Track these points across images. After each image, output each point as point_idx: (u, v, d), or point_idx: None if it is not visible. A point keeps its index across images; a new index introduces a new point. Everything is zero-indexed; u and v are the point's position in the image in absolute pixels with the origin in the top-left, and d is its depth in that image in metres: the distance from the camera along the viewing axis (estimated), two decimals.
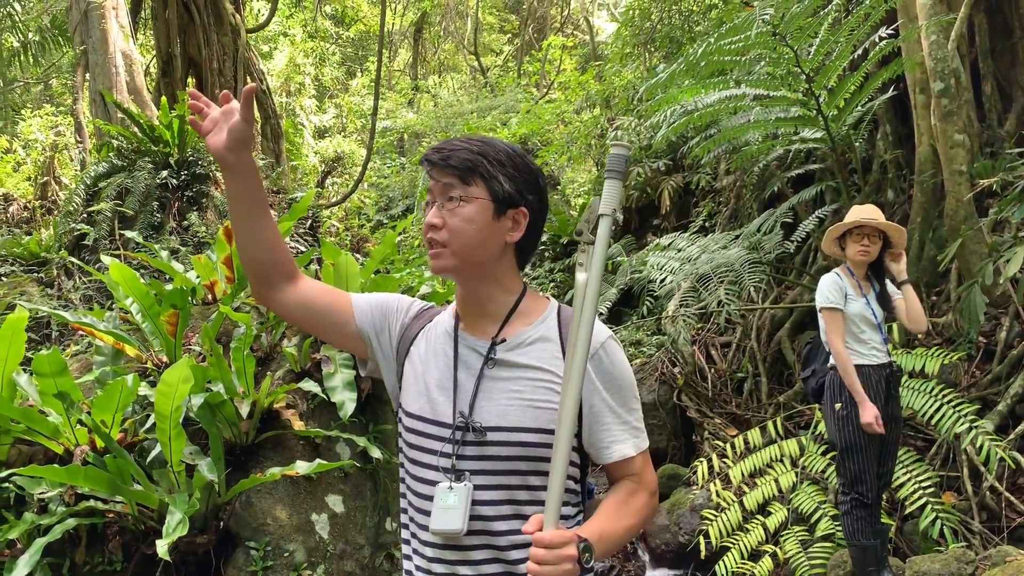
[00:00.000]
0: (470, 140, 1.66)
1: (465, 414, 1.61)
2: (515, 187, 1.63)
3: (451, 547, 1.60)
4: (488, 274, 1.66)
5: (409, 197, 16.55)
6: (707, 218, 9.52)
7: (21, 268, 10.78)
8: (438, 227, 1.61)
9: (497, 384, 1.62)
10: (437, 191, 1.64)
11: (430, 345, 1.73)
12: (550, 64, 21.34)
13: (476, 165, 1.61)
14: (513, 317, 1.68)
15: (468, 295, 1.70)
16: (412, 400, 1.70)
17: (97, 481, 3.18)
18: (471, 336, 1.68)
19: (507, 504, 1.59)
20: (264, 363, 4.02)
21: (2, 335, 3.41)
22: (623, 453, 1.65)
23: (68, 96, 18.89)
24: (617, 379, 1.66)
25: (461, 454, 1.60)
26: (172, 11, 12.00)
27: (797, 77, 6.11)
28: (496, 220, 1.62)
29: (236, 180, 1.67)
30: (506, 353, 1.64)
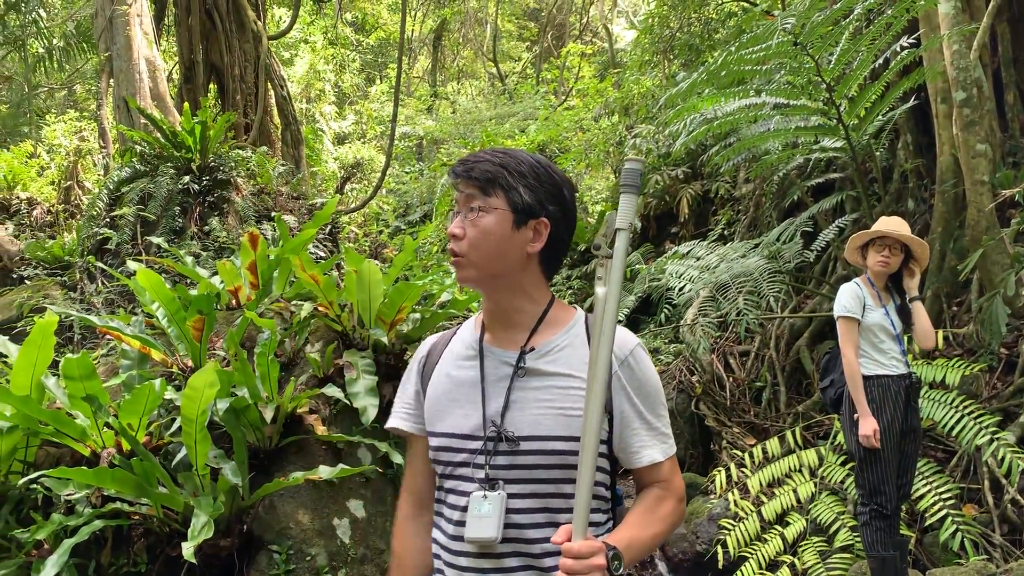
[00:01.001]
0: (494, 152, 1.68)
1: (496, 423, 1.62)
2: (536, 198, 1.65)
3: (486, 555, 1.62)
4: (513, 285, 1.68)
5: (427, 203, 16.61)
6: (726, 226, 9.51)
7: (45, 272, 10.91)
8: (459, 237, 1.64)
9: (527, 393, 1.64)
10: (461, 202, 1.67)
11: (452, 363, 1.75)
12: (569, 71, 21.37)
13: (496, 176, 1.64)
14: (541, 326, 1.69)
15: (494, 306, 1.72)
16: (440, 421, 1.71)
17: (123, 483, 3.23)
18: (497, 348, 1.70)
19: (541, 512, 1.61)
20: (288, 368, 4.06)
21: (32, 339, 3.47)
22: (652, 458, 1.67)
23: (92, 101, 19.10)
24: (645, 385, 1.68)
25: (494, 463, 1.61)
26: (195, 18, 12.13)
27: (818, 86, 6.10)
28: (516, 230, 1.64)
29: None
30: (535, 361, 1.65)
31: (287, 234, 4.49)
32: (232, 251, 8.98)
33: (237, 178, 9.82)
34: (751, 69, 6.35)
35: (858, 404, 4.02)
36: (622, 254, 1.55)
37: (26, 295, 10.01)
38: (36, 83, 21.14)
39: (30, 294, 9.97)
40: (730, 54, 6.11)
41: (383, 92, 22.87)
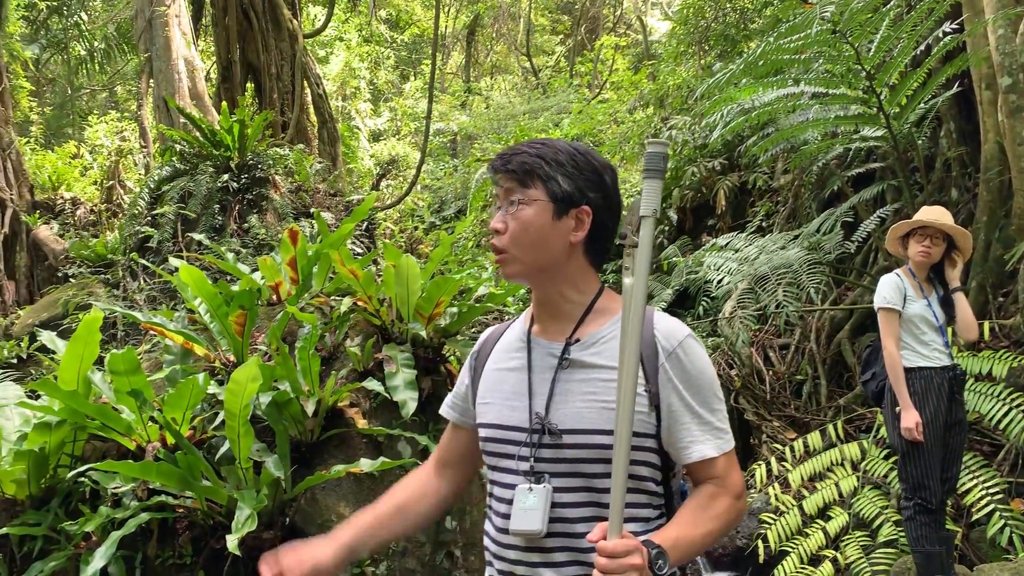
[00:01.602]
0: (532, 143, 1.67)
1: (541, 415, 1.61)
2: (575, 186, 1.62)
3: (534, 549, 1.60)
4: (559, 275, 1.66)
5: (462, 199, 16.64)
6: (764, 218, 9.41)
7: (89, 270, 11.12)
8: (500, 232, 1.63)
9: (572, 386, 1.62)
10: (501, 196, 1.66)
11: (502, 357, 1.75)
12: (602, 64, 21.27)
13: (534, 167, 1.62)
14: (588, 317, 1.67)
15: (542, 297, 1.70)
16: (489, 412, 1.72)
17: (168, 477, 3.28)
18: (544, 339, 1.69)
19: (589, 506, 1.59)
20: (328, 362, 4.10)
21: (78, 335, 3.55)
22: (703, 454, 1.62)
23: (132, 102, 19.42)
24: (696, 378, 1.63)
25: (539, 456, 1.60)
26: (232, 17, 12.27)
27: (858, 74, 6.00)
28: (557, 221, 1.61)
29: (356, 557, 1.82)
30: (580, 353, 1.63)
31: (326, 230, 4.52)
32: (271, 247, 9.09)
33: (275, 176, 9.92)
34: (789, 59, 6.27)
35: (900, 397, 3.96)
36: (648, 242, 1.50)
37: (71, 293, 10.22)
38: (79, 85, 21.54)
39: (75, 292, 10.17)
40: (768, 44, 6.04)
41: (417, 89, 22.96)
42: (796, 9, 9.71)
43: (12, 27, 14.89)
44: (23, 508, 3.65)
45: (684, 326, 1.67)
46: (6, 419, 3.94)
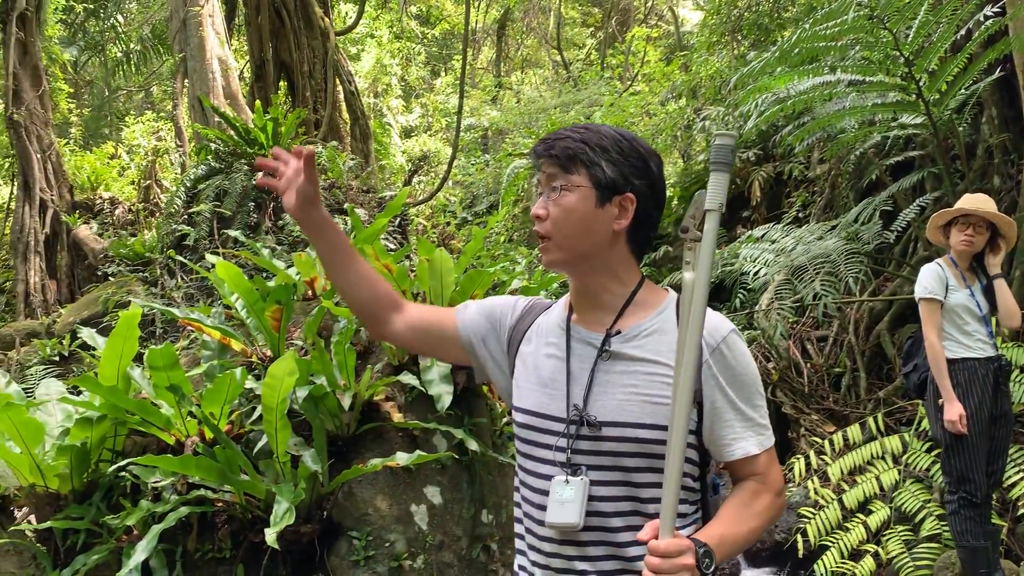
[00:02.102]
0: (575, 128, 1.63)
1: (579, 407, 1.58)
2: (619, 172, 1.59)
3: (569, 542, 1.59)
4: (600, 264, 1.63)
5: (493, 194, 16.65)
6: (800, 208, 9.29)
7: (127, 268, 11.31)
8: (542, 218, 1.60)
9: (612, 378, 1.59)
10: (543, 182, 1.63)
11: (541, 339, 1.72)
12: (634, 56, 21.13)
13: (577, 152, 1.58)
14: (629, 309, 1.64)
15: (581, 286, 1.67)
16: (525, 396, 1.69)
17: (207, 471, 3.31)
18: (584, 329, 1.66)
19: (626, 500, 1.57)
20: (363, 356, 4.11)
21: (118, 331, 3.59)
22: (746, 451, 1.60)
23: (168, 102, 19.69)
24: (740, 374, 1.60)
25: (576, 448, 1.58)
26: (264, 16, 12.36)
27: (896, 61, 5.89)
28: (600, 208, 1.58)
29: (313, 234, 1.78)
30: (621, 345, 1.60)
31: (360, 225, 4.53)
32: (305, 244, 9.16)
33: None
34: (825, 46, 6.17)
35: (943, 389, 3.89)
36: (712, 237, 1.46)
37: (110, 291, 10.39)
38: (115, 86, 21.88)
39: (114, 290, 10.34)
40: (803, 31, 5.95)
41: (448, 84, 23.01)
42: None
43: (51, 30, 15.16)
44: (66, 502, 3.71)
45: (728, 321, 1.64)
46: (48, 415, 4.00)
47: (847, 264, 6.22)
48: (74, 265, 14.31)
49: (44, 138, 14.24)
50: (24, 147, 13.90)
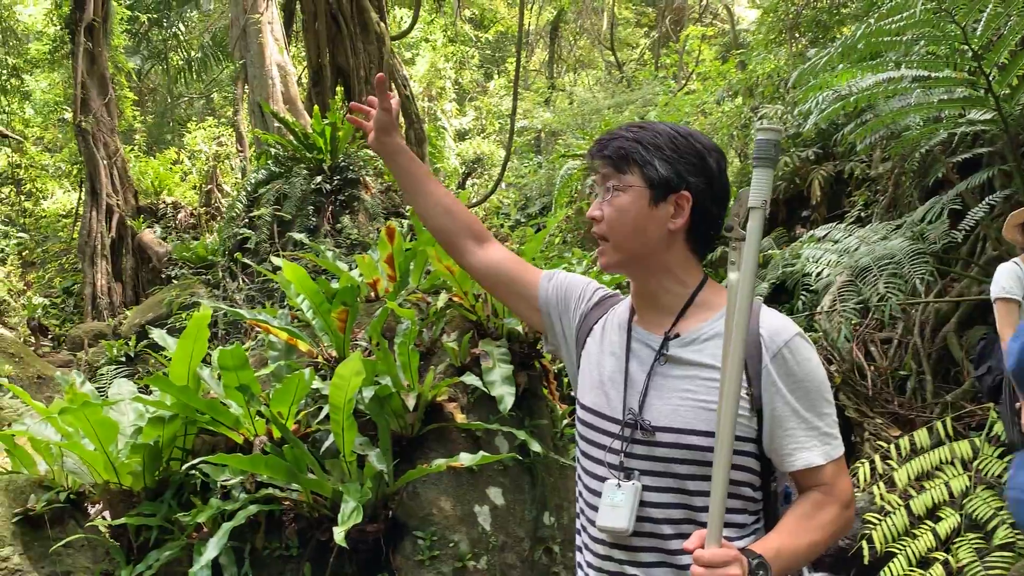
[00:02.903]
0: (630, 127, 1.62)
1: (635, 411, 1.57)
2: (674, 170, 1.56)
3: (620, 546, 1.57)
4: (657, 265, 1.61)
5: (546, 195, 16.64)
6: (863, 208, 9.10)
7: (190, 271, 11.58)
8: (598, 220, 1.59)
9: (669, 382, 1.57)
10: (598, 182, 1.63)
11: (606, 336, 1.71)
12: (688, 55, 20.94)
13: (630, 152, 1.57)
14: (689, 310, 1.61)
15: (640, 287, 1.66)
16: (587, 392, 1.69)
17: (276, 470, 3.37)
18: (644, 330, 1.64)
19: (679, 508, 1.54)
20: (426, 358, 4.15)
21: (188, 332, 3.67)
22: (808, 461, 1.53)
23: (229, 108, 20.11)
24: (803, 380, 1.53)
25: (630, 452, 1.57)
26: (321, 23, 12.53)
27: (964, 55, 5.73)
28: (654, 207, 1.56)
29: (389, 162, 1.90)
30: (679, 349, 1.58)
31: (421, 227, 4.57)
32: (363, 247, 9.26)
33: (366, 177, 10.11)
34: (888, 41, 6.03)
35: (1021, 392, 3.76)
36: (756, 236, 1.41)
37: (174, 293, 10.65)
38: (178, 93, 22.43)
39: (178, 292, 10.60)
40: (868, 26, 5.82)
41: (502, 87, 23.08)
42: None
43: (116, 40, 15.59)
44: (139, 499, 3.80)
45: (792, 324, 1.58)
46: (121, 413, 4.11)
47: (913, 264, 6.07)
48: (138, 268, 14.71)
49: (110, 145, 14.66)
50: (91, 154, 14.33)
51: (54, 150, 18.51)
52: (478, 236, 1.87)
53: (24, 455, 4.05)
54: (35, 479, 4.06)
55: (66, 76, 16.14)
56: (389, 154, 1.88)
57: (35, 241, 17.36)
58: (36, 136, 18.55)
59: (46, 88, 18.49)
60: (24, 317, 14.09)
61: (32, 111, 18.43)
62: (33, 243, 17.25)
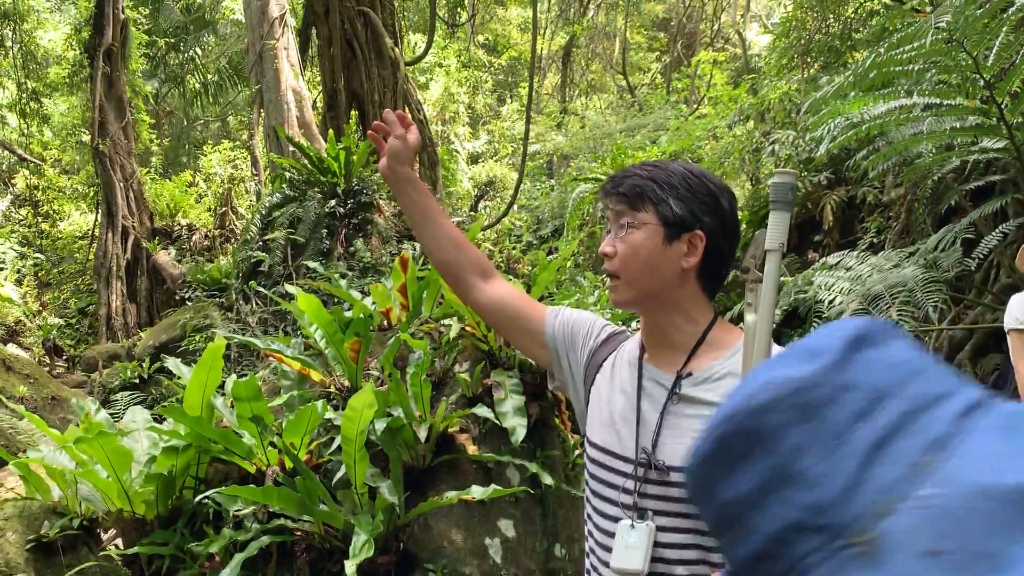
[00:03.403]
0: (644, 165, 1.63)
1: (648, 450, 1.56)
2: (688, 209, 1.56)
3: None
4: (669, 303, 1.61)
5: (558, 218, 16.70)
6: (875, 234, 9.08)
7: (204, 293, 11.66)
8: (610, 256, 1.60)
9: (682, 421, 1.57)
10: (611, 219, 1.63)
11: (616, 373, 1.71)
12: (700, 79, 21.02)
13: (644, 189, 1.58)
14: (701, 349, 1.61)
15: (651, 325, 1.66)
16: (597, 430, 1.68)
17: (287, 501, 3.38)
18: (655, 368, 1.64)
19: (692, 548, 1.53)
20: (438, 387, 4.15)
21: (203, 362, 3.70)
22: None
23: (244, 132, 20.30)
24: None
25: (644, 492, 1.56)
26: (336, 48, 12.67)
27: (976, 84, 5.74)
28: (668, 245, 1.57)
29: (399, 192, 1.84)
30: (692, 388, 1.58)
31: None
32: (376, 270, 9.31)
33: (379, 200, 10.17)
34: (900, 70, 6.04)
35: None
36: (774, 277, 1.40)
37: (188, 316, 10.72)
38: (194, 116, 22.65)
39: (192, 315, 10.66)
40: (878, 56, 5.84)
41: (514, 111, 23.21)
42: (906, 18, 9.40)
43: (134, 64, 15.80)
44: (151, 527, 3.82)
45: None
46: (135, 441, 4.14)
47: (926, 292, 6.04)
48: (153, 289, 14.81)
49: (127, 167, 14.82)
50: (108, 176, 14.49)
51: (71, 172, 18.72)
52: (484, 272, 1.86)
53: (38, 481, 4.08)
54: (49, 505, 4.09)
55: (84, 99, 16.35)
56: (400, 183, 1.84)
57: (51, 262, 17.52)
58: (54, 158, 18.77)
59: (65, 111, 18.73)
60: (40, 337, 14.20)
61: (51, 134, 18.66)
62: (49, 264, 17.42)
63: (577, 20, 22.37)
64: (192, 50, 19.98)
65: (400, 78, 12.73)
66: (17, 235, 17.80)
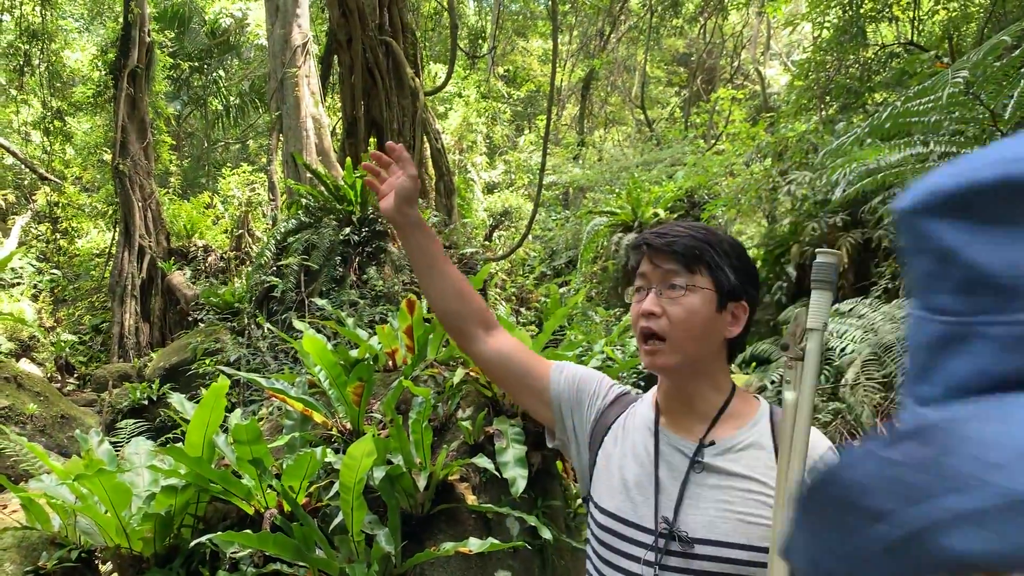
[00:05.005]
0: (692, 227, 1.59)
1: (669, 520, 1.52)
2: (739, 279, 1.55)
3: None
4: (701, 370, 1.57)
5: (572, 249, 16.70)
6: (890, 280, 9.02)
7: (216, 316, 11.69)
8: (657, 315, 1.53)
9: (705, 491, 1.52)
10: (656, 277, 1.56)
11: (627, 437, 1.66)
12: (718, 115, 21.07)
13: (703, 253, 1.53)
14: (722, 418, 1.57)
15: (675, 391, 1.61)
16: (607, 496, 1.63)
17: (283, 547, 3.35)
18: (674, 434, 1.59)
19: None
20: (440, 433, 4.13)
21: (205, 402, 3.69)
22: None
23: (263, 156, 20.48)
24: None
25: (664, 564, 1.51)
26: (358, 77, 12.77)
27: (993, 135, 5.73)
28: (718, 313, 1.54)
29: (406, 236, 1.76)
30: (715, 458, 1.53)
31: None
32: (388, 299, 9.32)
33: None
34: (916, 121, 6.04)
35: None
36: (815, 357, 1.37)
37: (199, 339, 10.75)
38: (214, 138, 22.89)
39: (203, 338, 10.70)
40: (895, 108, 5.85)
41: (531, 142, 23.33)
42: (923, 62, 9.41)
43: (158, 86, 16.01)
44: (148, 565, 3.80)
45: (823, 438, 1.54)
46: (136, 475, 4.14)
47: None
48: (167, 310, 14.89)
49: (146, 187, 14.96)
50: (127, 196, 14.63)
51: (91, 190, 18.92)
52: (487, 324, 1.80)
53: (39, 511, 4.08)
54: (48, 536, 4.09)
55: (107, 119, 16.56)
56: (409, 227, 1.74)
57: (68, 279, 17.67)
58: (75, 176, 18.99)
59: (88, 130, 18.98)
60: (53, 353, 14.28)
61: (73, 152, 18.90)
62: (65, 280, 17.56)
63: (597, 54, 22.53)
64: (215, 73, 20.24)
65: (419, 107, 12.82)
66: (35, 251, 17.98)
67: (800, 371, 1.40)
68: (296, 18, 13.28)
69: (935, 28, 12.91)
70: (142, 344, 14.43)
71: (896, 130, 6.25)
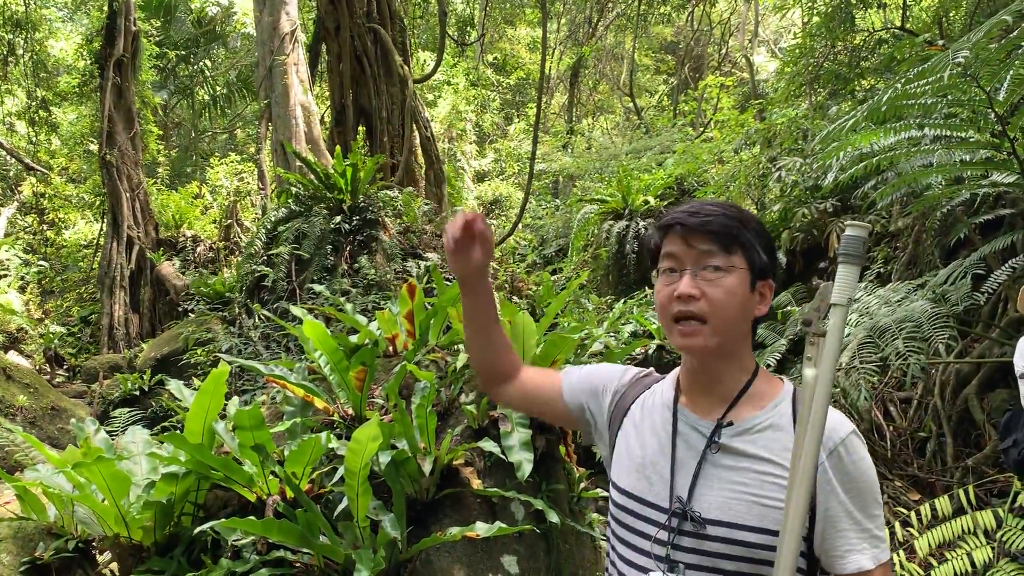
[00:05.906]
0: (720, 204, 1.56)
1: (683, 500, 1.51)
2: (768, 257, 1.54)
3: None
4: (730, 351, 1.55)
5: (562, 237, 16.69)
6: (883, 264, 9.05)
7: (207, 306, 11.60)
8: (696, 298, 1.50)
9: (720, 472, 1.51)
10: (690, 259, 1.52)
11: (646, 416, 1.65)
12: (707, 103, 21.06)
13: (738, 232, 1.51)
14: (743, 398, 1.56)
15: (702, 371, 1.58)
16: (625, 475, 1.62)
17: (287, 533, 3.32)
18: (693, 413, 1.58)
19: None
20: (443, 418, 4.10)
21: (205, 388, 3.65)
22: (860, 565, 1.47)
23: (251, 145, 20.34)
24: (858, 480, 1.49)
25: (677, 543, 1.50)
26: (346, 64, 12.69)
27: (987, 118, 5.72)
28: (751, 292, 1.52)
29: (472, 299, 1.78)
30: (732, 439, 1.52)
31: (443, 285, 4.56)
32: (380, 287, 9.27)
33: (385, 217, 10.15)
34: (912, 103, 6.02)
35: None
36: (838, 332, 1.35)
37: (190, 329, 10.66)
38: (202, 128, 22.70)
39: (194, 328, 10.61)
40: (895, 91, 5.82)
41: (521, 130, 23.25)
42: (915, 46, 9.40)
43: (144, 75, 15.84)
44: (148, 554, 3.76)
45: (847, 421, 1.53)
46: (135, 463, 4.09)
47: (935, 327, 5.99)
48: (156, 300, 14.77)
49: (133, 177, 14.83)
50: (115, 186, 14.49)
51: (78, 181, 18.74)
52: (514, 375, 1.88)
53: (35, 501, 4.03)
54: (44, 526, 4.04)
55: (94, 109, 16.39)
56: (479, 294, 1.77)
57: (55, 270, 17.51)
58: (61, 167, 18.81)
59: (73, 120, 18.78)
60: (41, 345, 14.15)
61: (59, 142, 18.71)
62: (53, 272, 17.40)
63: (586, 41, 22.46)
64: (202, 62, 20.05)
65: (408, 95, 12.74)
66: (22, 242, 17.80)
67: (821, 347, 1.38)
68: (284, 5, 13.17)
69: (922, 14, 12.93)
70: (132, 335, 14.32)
71: (892, 113, 6.24)
